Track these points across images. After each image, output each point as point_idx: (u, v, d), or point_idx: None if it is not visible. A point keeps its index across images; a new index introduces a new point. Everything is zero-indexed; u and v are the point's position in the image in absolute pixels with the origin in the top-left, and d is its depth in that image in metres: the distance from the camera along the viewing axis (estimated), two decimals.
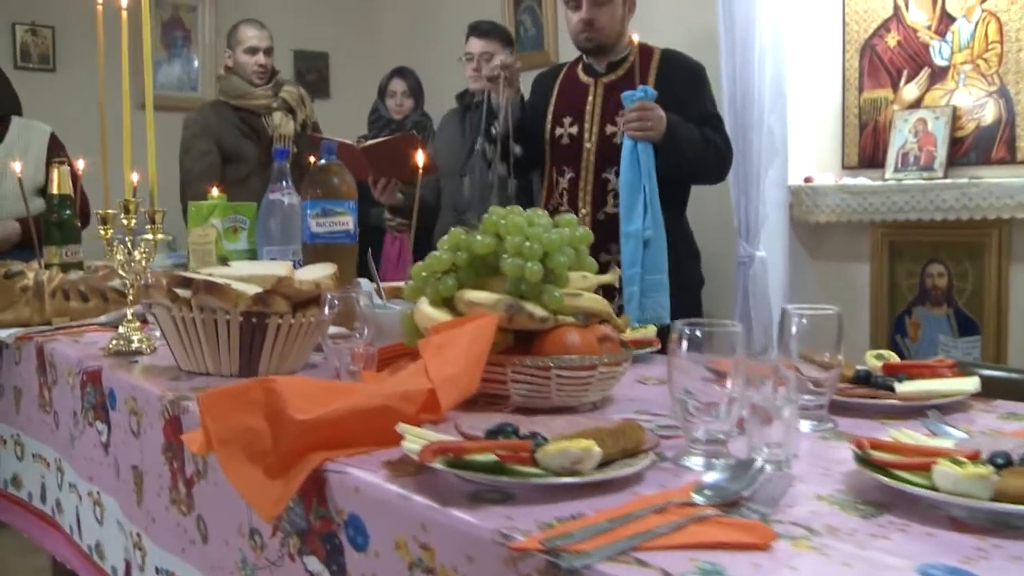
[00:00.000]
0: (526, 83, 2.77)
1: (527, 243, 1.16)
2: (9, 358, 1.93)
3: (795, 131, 3.26)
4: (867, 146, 3.23)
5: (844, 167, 3.28)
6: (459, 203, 3.32)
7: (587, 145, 2.58)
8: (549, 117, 2.68)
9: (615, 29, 2.57)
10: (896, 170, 3.09)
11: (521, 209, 1.25)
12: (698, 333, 0.94)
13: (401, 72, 3.97)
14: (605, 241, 2.48)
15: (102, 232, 1.70)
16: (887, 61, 3.16)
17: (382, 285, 1.67)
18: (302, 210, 1.85)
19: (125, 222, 1.64)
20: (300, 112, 3.58)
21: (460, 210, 3.31)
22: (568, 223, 1.24)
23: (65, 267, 2.09)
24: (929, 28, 3.05)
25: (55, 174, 2.17)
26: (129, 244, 1.64)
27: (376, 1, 5.27)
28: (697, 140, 2.42)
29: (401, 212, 3.43)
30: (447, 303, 1.22)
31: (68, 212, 2.16)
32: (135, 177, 2.36)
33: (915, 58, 3.10)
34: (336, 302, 1.28)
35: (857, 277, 3.29)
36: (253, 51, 3.52)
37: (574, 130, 2.61)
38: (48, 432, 1.77)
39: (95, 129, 4.11)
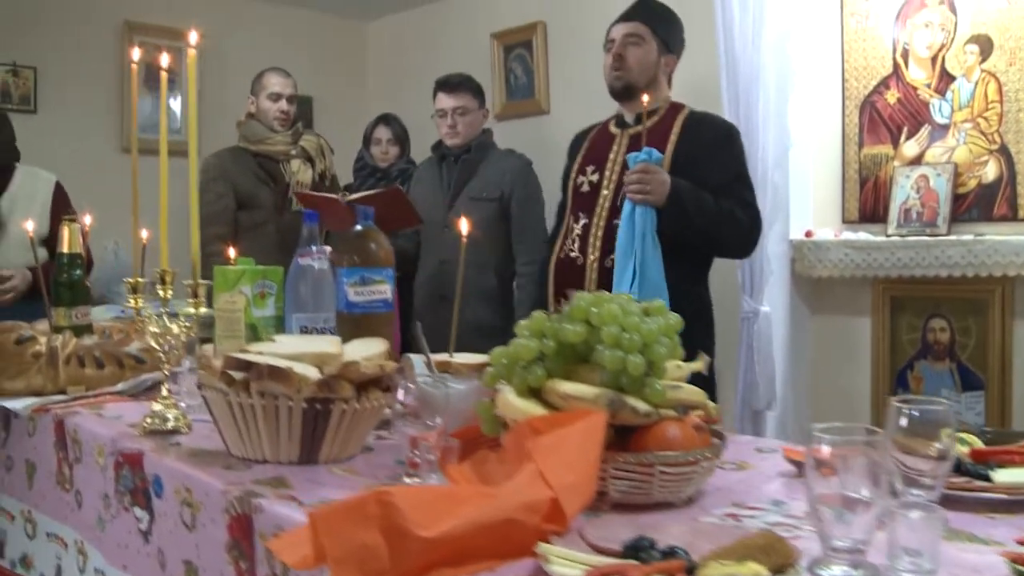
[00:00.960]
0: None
1: (625, 334, 1.11)
2: (21, 429, 1.82)
3: (795, 185, 3.27)
4: (867, 201, 3.25)
5: (844, 221, 3.30)
6: (442, 252, 3.26)
7: (604, 192, 2.53)
8: (575, 168, 2.65)
9: (646, 72, 2.55)
10: (899, 225, 3.10)
11: (609, 294, 1.20)
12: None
13: (386, 119, 3.93)
14: (609, 287, 2.43)
15: (132, 302, 1.61)
16: (887, 118, 3.19)
17: (432, 358, 1.60)
18: (337, 277, 1.78)
19: (161, 293, 1.55)
20: (319, 162, 3.52)
21: (443, 259, 3.25)
22: (659, 310, 1.19)
23: (76, 330, 1.99)
24: (929, 86, 3.09)
25: (66, 232, 2.07)
26: (165, 316, 1.55)
27: (362, 46, 5.22)
28: (710, 209, 2.37)
29: None
30: (534, 393, 1.16)
31: (78, 272, 2.06)
32: (145, 234, 2.28)
33: (915, 115, 3.13)
34: (411, 387, 1.21)
35: (857, 331, 3.29)
36: (276, 97, 3.47)
37: (595, 178, 2.57)
38: (67, 511, 1.67)
39: (78, 172, 4.01)
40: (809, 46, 3.22)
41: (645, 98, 2.36)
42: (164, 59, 1.91)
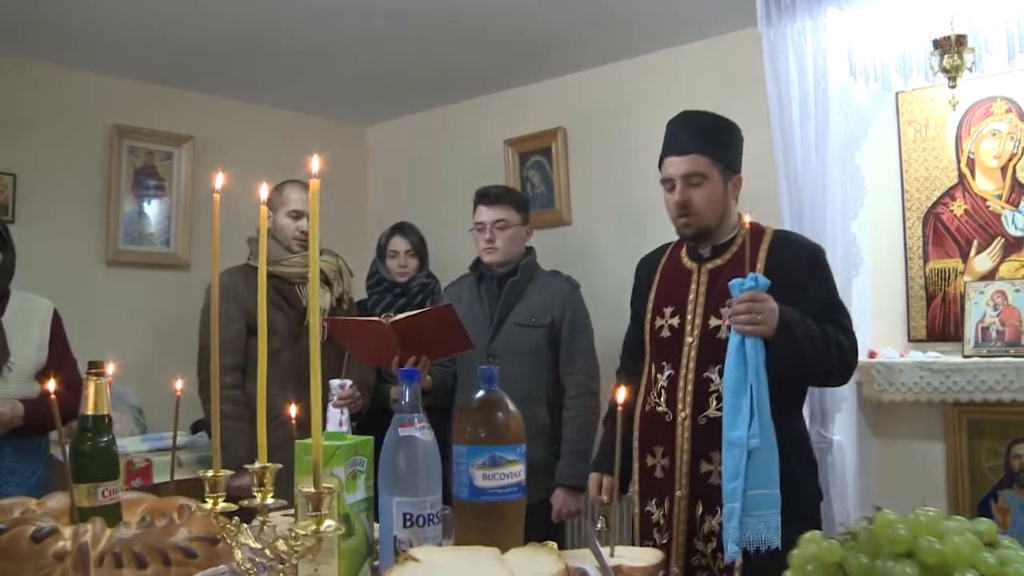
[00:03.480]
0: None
1: None
2: None
3: (856, 303, 2.98)
4: (936, 319, 2.97)
5: (910, 340, 3.02)
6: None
7: (688, 339, 2.19)
8: (650, 306, 2.31)
9: (715, 210, 2.21)
10: (976, 345, 2.83)
11: (934, 512, 0.85)
12: None
13: (402, 229, 3.54)
14: (705, 449, 2.11)
15: (210, 503, 1.20)
16: (954, 230, 2.95)
17: (618, 562, 1.22)
18: (455, 457, 1.40)
19: (259, 496, 1.15)
20: (337, 285, 3.11)
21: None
22: (992, 533, 0.85)
23: (104, 514, 1.56)
24: (999, 197, 2.86)
25: (91, 389, 1.65)
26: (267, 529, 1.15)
27: (361, 152, 4.89)
28: (817, 337, 2.05)
29: (426, 395, 2.95)
30: None
31: (105, 439, 1.63)
32: (179, 385, 1.89)
33: (986, 227, 2.89)
34: None
35: (928, 457, 2.98)
36: (296, 215, 3.05)
37: (675, 321, 2.23)
38: None
39: (59, 283, 3.55)
40: (870, 156, 2.99)
41: (748, 218, 2.05)
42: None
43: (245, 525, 1.17)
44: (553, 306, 2.93)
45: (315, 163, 1.11)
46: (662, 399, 2.20)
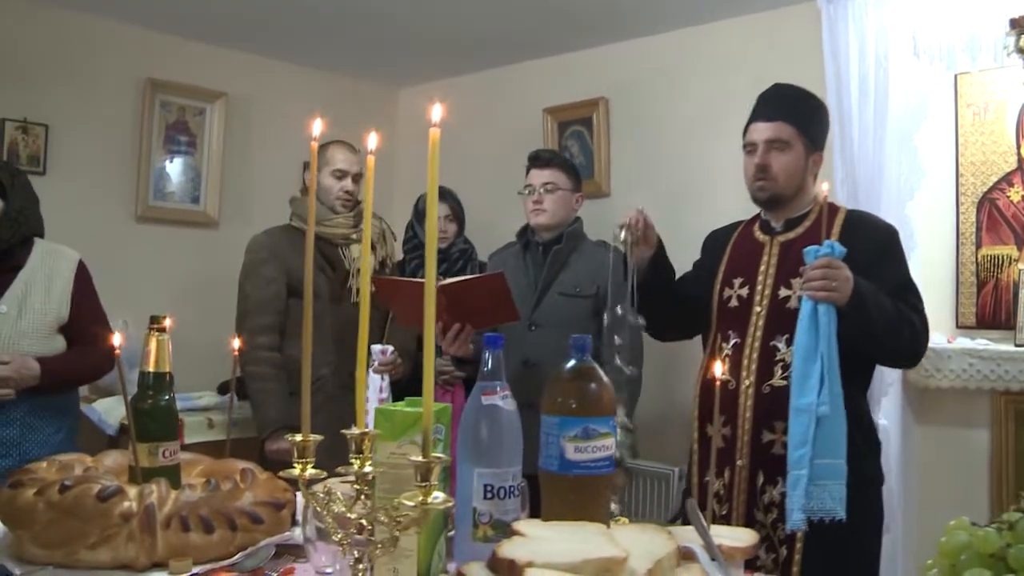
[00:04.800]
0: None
1: None
2: None
3: None
4: (987, 306, 2.89)
5: (959, 327, 2.94)
6: (526, 352, 2.81)
7: (756, 308, 2.13)
8: (719, 277, 2.24)
9: (792, 181, 2.16)
10: None
11: None
12: None
13: (440, 194, 3.46)
14: (769, 418, 2.06)
15: (298, 468, 1.12)
16: (1010, 216, 2.86)
17: (718, 542, 1.15)
18: (548, 429, 1.33)
19: (356, 463, 1.07)
20: (380, 248, 3.02)
21: (527, 360, 2.80)
22: None
23: (167, 475, 1.49)
24: None
25: (153, 344, 1.57)
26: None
27: (392, 115, 4.78)
28: (890, 311, 1.99)
29: (466, 364, 2.88)
30: None
31: (167, 398, 1.56)
32: (236, 344, 1.80)
33: None
34: None
35: (973, 444, 2.91)
36: (341, 175, 2.95)
37: (744, 292, 2.17)
38: None
39: (88, 240, 3.46)
40: (924, 138, 2.89)
41: (824, 187, 1.97)
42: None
43: (338, 492, 1.09)
44: (598, 276, 2.85)
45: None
46: (726, 367, 2.14)
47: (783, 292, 2.12)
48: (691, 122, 3.59)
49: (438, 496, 1.00)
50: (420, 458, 0.99)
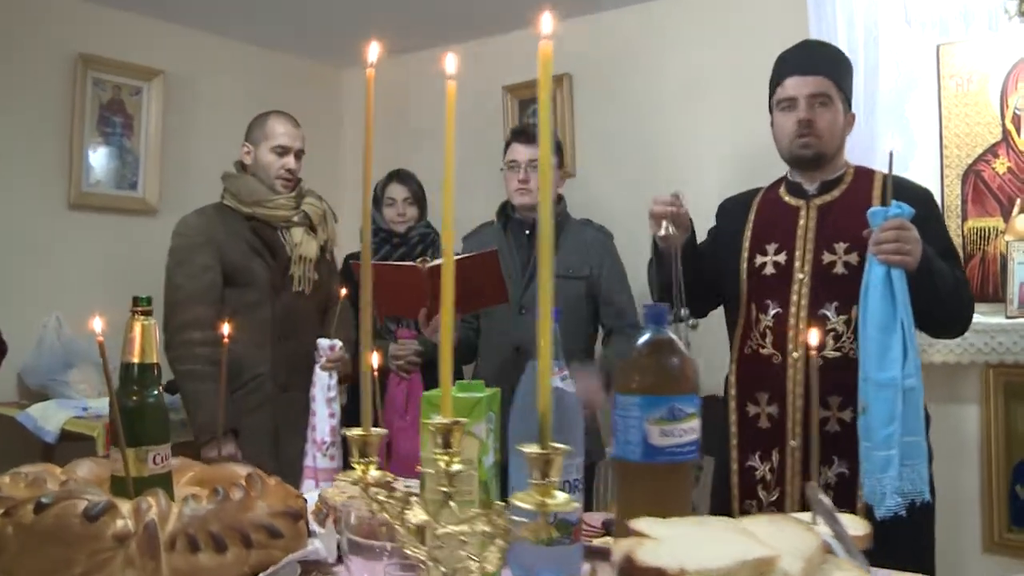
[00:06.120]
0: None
1: None
2: None
3: None
4: (974, 278, 2.81)
5: None
6: (517, 338, 2.62)
7: (799, 276, 1.98)
8: (746, 244, 2.07)
9: (835, 140, 2.03)
10: (1021, 305, 2.69)
11: None
12: None
13: (399, 176, 3.22)
14: (823, 393, 1.90)
15: (359, 469, 0.91)
16: (996, 188, 2.79)
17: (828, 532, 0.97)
18: (624, 411, 1.14)
19: (444, 460, 0.86)
20: (322, 231, 2.74)
21: (520, 346, 2.61)
22: None
23: (159, 484, 1.24)
24: None
25: (137, 330, 1.31)
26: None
27: (336, 95, 4.51)
28: (949, 276, 1.87)
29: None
30: None
31: (155, 393, 1.31)
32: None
33: None
34: None
35: (961, 420, 2.84)
36: (282, 151, 2.67)
37: (781, 258, 2.01)
38: None
39: (15, 227, 3.11)
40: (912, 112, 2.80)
41: (892, 140, 1.83)
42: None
43: (414, 498, 0.88)
44: (590, 256, 2.68)
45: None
46: (767, 340, 1.98)
47: (827, 257, 1.97)
48: (663, 99, 3.44)
49: (559, 496, 0.80)
50: (532, 449, 0.79)
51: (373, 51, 0.89)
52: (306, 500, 1.34)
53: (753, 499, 1.96)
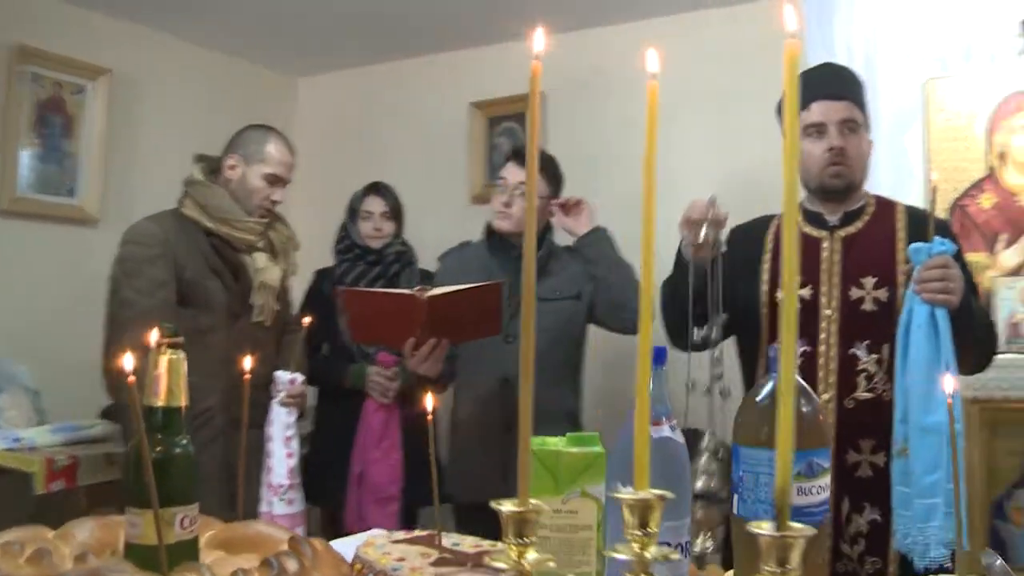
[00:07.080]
0: None
1: None
2: None
3: None
4: None
5: None
6: (506, 368, 2.44)
7: (826, 312, 1.88)
8: (764, 277, 1.96)
9: (863, 168, 1.95)
10: (1008, 341, 2.67)
11: None
12: None
13: (377, 188, 3.01)
14: (853, 436, 1.82)
15: (514, 553, 0.73)
16: (981, 223, 2.78)
17: None
18: (751, 466, 0.99)
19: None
20: (282, 261, 2.48)
21: (508, 377, 2.43)
22: None
23: (182, 552, 1.03)
24: None
25: (163, 366, 1.10)
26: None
27: (290, 107, 4.26)
28: (982, 316, 1.82)
29: (428, 381, 2.42)
30: None
31: (183, 443, 1.09)
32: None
33: (1015, 222, 2.73)
34: None
35: None
36: (274, 180, 2.41)
37: (806, 292, 1.90)
38: None
39: None
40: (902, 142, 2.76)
41: (934, 176, 1.75)
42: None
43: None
44: (579, 277, 2.53)
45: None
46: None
47: (855, 292, 1.88)
48: (637, 122, 3.33)
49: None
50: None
51: (539, 40, 0.70)
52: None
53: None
